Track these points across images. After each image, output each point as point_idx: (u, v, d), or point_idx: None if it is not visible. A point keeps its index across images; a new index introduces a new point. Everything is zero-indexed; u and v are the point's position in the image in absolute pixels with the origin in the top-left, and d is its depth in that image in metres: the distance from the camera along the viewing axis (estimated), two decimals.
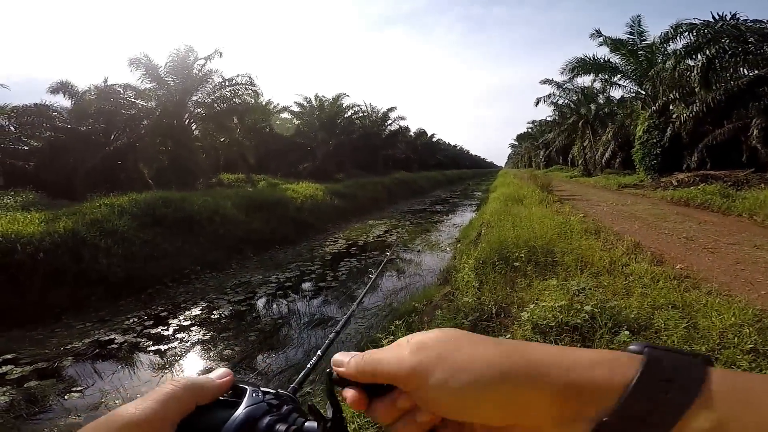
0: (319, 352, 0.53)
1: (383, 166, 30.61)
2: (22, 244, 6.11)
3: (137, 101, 16.12)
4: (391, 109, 31.40)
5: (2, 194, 10.77)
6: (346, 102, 26.74)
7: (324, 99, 26.10)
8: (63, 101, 16.48)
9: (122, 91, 16.10)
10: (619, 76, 18.12)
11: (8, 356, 4.45)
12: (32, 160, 15.29)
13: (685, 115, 13.81)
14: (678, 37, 12.90)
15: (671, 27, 13.12)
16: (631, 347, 0.29)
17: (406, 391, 0.31)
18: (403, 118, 32.90)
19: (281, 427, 0.33)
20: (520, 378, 0.27)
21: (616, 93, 21.08)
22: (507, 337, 3.08)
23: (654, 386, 0.25)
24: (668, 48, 14.64)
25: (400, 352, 0.32)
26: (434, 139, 56.10)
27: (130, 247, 7.44)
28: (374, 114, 31.10)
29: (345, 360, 0.35)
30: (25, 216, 7.30)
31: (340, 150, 25.71)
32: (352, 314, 0.75)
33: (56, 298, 5.89)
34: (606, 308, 3.02)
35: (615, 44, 17.18)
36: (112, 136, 15.92)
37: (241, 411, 0.33)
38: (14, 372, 4.13)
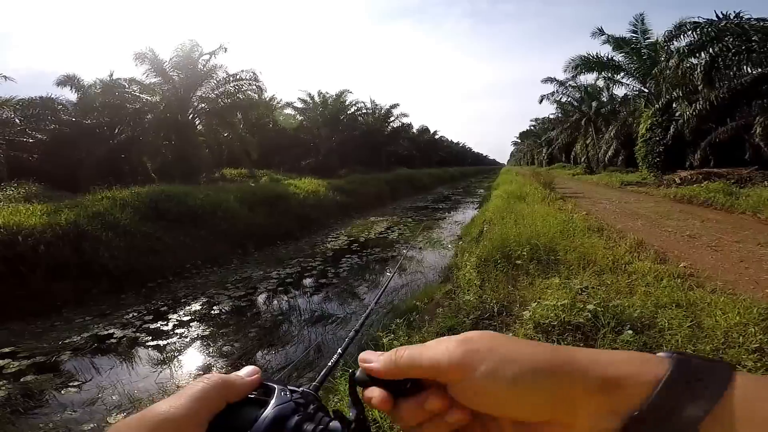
0: (339, 350, 0.54)
1: (386, 163, 30.51)
2: (24, 235, 6.11)
3: (142, 95, 16.14)
4: (395, 106, 31.30)
5: (5, 186, 10.79)
6: (349, 98, 26.66)
7: (327, 95, 26.02)
8: (69, 94, 16.59)
9: (127, 86, 16.13)
10: (622, 74, 18.05)
11: (6, 350, 4.45)
12: (36, 152, 15.34)
13: (688, 113, 13.74)
14: (681, 36, 12.81)
15: (675, 25, 13.04)
16: (660, 353, 0.30)
17: (445, 384, 0.32)
18: (406, 115, 32.77)
19: (308, 426, 0.33)
20: (565, 371, 0.29)
21: (619, 91, 21.04)
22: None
23: (684, 382, 0.26)
24: (672, 46, 14.55)
25: (444, 345, 0.32)
26: (437, 136, 55.92)
27: (132, 240, 7.45)
28: (377, 111, 30.98)
29: (373, 357, 0.35)
30: (27, 208, 7.31)
31: (342, 146, 25.66)
32: (370, 313, 0.75)
33: (57, 291, 5.89)
34: (609, 307, 2.99)
35: (618, 42, 17.11)
36: (117, 130, 15.97)
37: (270, 410, 0.33)
38: (12, 366, 4.12)
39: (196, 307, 5.74)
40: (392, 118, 31.66)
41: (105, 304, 5.89)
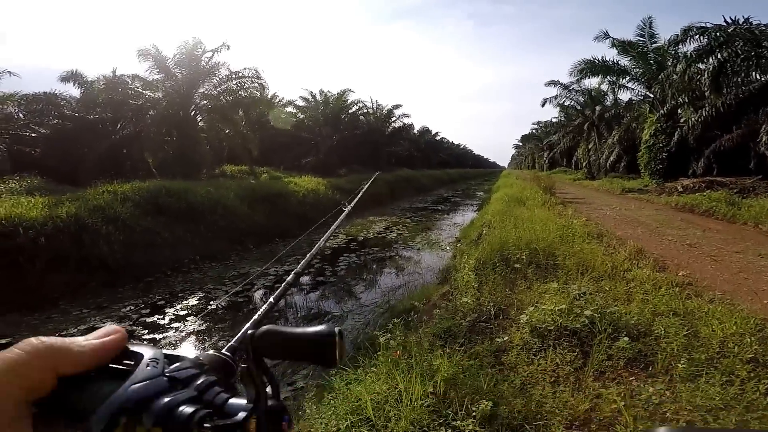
0: (271, 299, 0.43)
1: (386, 163, 30.46)
2: (24, 228, 6.11)
3: (145, 92, 16.15)
4: (396, 107, 31.30)
5: (8, 179, 10.82)
6: (351, 98, 26.65)
7: (329, 94, 26.02)
8: (73, 90, 16.61)
9: (130, 82, 16.15)
10: (627, 78, 17.95)
11: (3, 341, 4.44)
12: (39, 146, 15.40)
13: (693, 119, 13.67)
14: (689, 40, 12.76)
15: (682, 30, 12.98)
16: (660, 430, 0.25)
17: None
18: (407, 116, 32.79)
19: (186, 409, 0.25)
20: None
21: (624, 95, 20.97)
22: (504, 339, 3.05)
23: None
24: (679, 51, 14.49)
25: None
26: (438, 138, 55.91)
27: (132, 234, 7.45)
28: (379, 111, 30.99)
29: None
30: (28, 200, 7.32)
31: (343, 145, 25.64)
32: (313, 256, 0.68)
33: (55, 284, 5.90)
34: (606, 313, 2.98)
35: (623, 46, 17.01)
36: (119, 126, 15.99)
37: (124, 389, 0.25)
38: None
39: (193, 301, 5.74)
40: (394, 119, 31.69)
41: (102, 297, 5.90)
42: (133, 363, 0.27)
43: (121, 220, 7.56)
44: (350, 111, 27.25)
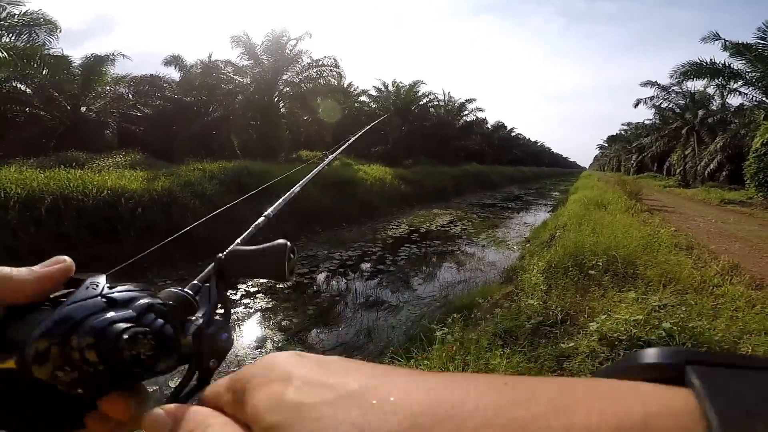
0: (238, 240, 0.39)
1: (454, 157, 29.88)
2: (126, 198, 6.91)
3: (235, 77, 17.28)
4: (470, 100, 30.34)
5: (115, 153, 12.30)
6: (422, 89, 26.37)
7: (401, 85, 26.00)
8: (173, 73, 18.33)
9: (223, 67, 17.36)
10: (740, 82, 16.01)
11: None
12: (142, 124, 17.31)
13: None
14: None
15: None
16: (648, 355, 0.15)
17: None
18: (481, 110, 31.65)
19: (119, 326, 0.23)
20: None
21: (734, 100, 18.71)
22: (569, 345, 2.89)
23: None
24: None
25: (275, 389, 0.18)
26: (513, 133, 53.57)
27: (215, 210, 8.10)
28: (450, 104, 30.35)
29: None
30: (131, 173, 8.26)
31: (411, 136, 25.57)
32: (287, 201, 0.50)
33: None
34: (687, 328, 2.75)
35: (737, 48, 15.17)
36: (211, 108, 17.42)
37: (56, 311, 0.24)
38: None
39: (262, 279, 6.10)
40: (466, 112, 30.84)
41: (183, 270, 6.44)
42: (73, 290, 0.26)
43: (207, 195, 8.28)
44: (420, 103, 27.04)
